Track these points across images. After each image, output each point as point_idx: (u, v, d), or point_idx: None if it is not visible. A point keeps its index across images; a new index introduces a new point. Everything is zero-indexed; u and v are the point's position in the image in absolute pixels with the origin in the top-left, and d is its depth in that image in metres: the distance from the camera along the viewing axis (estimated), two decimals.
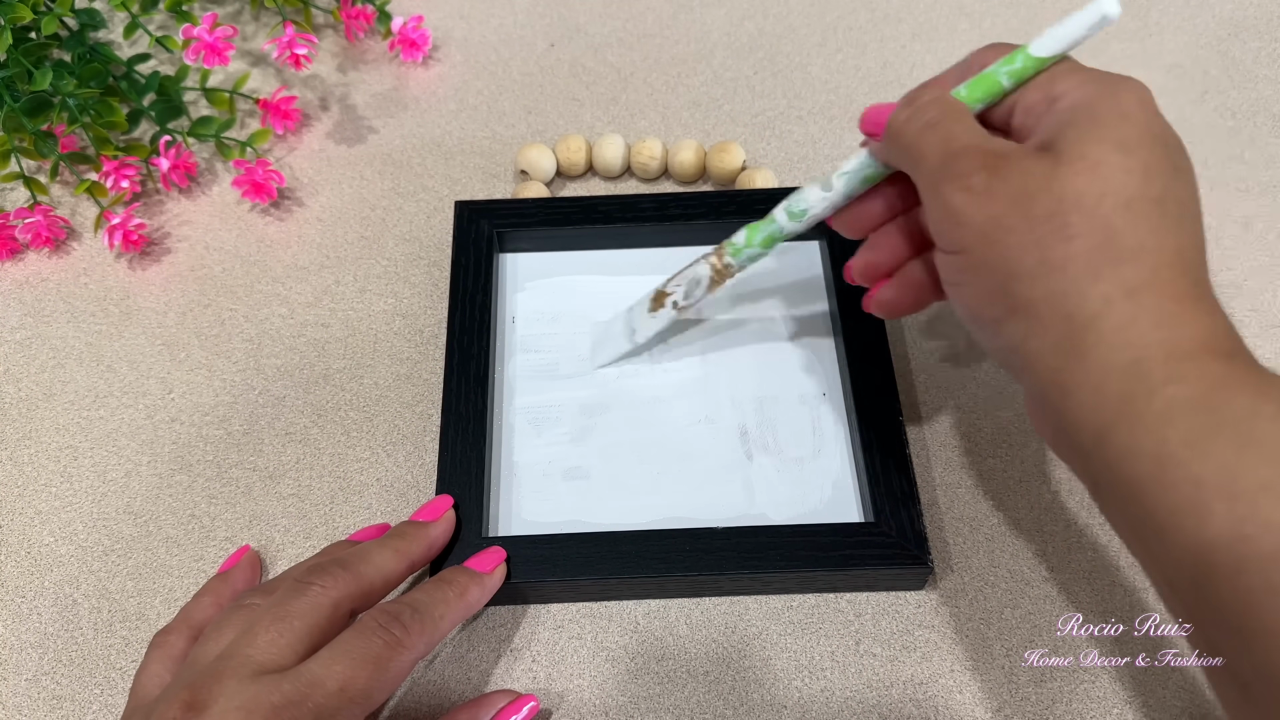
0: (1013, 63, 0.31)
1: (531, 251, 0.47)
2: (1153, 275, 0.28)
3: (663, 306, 0.42)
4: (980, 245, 0.29)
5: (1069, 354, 0.28)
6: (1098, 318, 0.28)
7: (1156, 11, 0.57)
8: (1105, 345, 0.27)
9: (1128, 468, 0.27)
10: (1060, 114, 0.30)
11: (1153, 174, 0.28)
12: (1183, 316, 0.27)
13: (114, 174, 0.48)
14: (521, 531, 0.40)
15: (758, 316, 0.45)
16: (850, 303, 0.43)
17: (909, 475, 0.39)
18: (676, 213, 0.46)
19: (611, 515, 0.40)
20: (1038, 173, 0.29)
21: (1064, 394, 0.28)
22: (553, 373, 0.44)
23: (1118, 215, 0.28)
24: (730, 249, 0.39)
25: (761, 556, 0.38)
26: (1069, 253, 0.28)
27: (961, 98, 0.32)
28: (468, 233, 0.46)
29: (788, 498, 0.41)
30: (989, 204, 0.29)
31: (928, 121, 0.31)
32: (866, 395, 0.41)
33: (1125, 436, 0.27)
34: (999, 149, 0.30)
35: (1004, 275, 0.29)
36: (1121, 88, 0.30)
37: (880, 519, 0.38)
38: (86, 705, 0.37)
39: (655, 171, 0.50)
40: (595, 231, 0.46)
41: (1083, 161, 0.28)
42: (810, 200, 0.37)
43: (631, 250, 0.47)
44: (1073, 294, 0.28)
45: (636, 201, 0.47)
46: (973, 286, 0.30)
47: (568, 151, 0.50)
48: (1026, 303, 0.29)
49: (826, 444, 0.42)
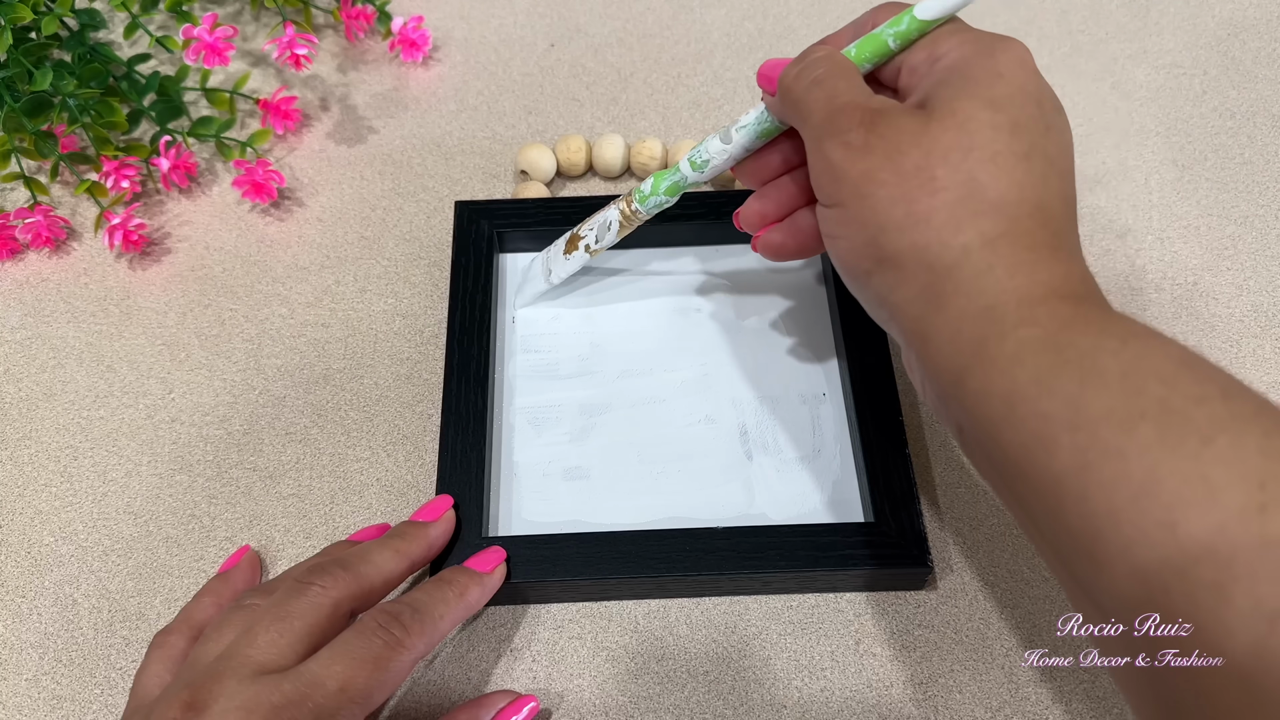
0: (899, 24, 0.32)
1: (532, 252, 0.47)
2: (1011, 226, 0.28)
3: (576, 249, 0.43)
4: (854, 199, 0.30)
5: (929, 303, 0.29)
6: (956, 267, 0.28)
7: (1156, 11, 0.57)
8: (962, 293, 0.28)
9: (983, 409, 0.27)
10: (938, 73, 0.31)
11: (1021, 130, 0.29)
12: (1038, 264, 0.28)
13: (114, 174, 0.48)
14: (521, 531, 0.40)
15: (758, 316, 0.45)
16: (850, 302, 0.43)
17: (909, 475, 0.39)
18: (677, 213, 0.46)
19: (611, 515, 0.40)
20: (910, 129, 0.30)
21: (925, 342, 0.29)
22: (553, 373, 0.44)
23: (982, 169, 0.29)
24: (638, 195, 0.41)
25: (761, 556, 0.38)
26: (933, 205, 0.29)
27: (850, 57, 0.33)
28: (468, 233, 0.46)
29: (788, 497, 0.41)
30: (864, 159, 0.30)
31: (815, 79, 0.32)
32: (866, 395, 0.41)
33: (980, 379, 0.27)
34: (877, 106, 0.31)
35: (874, 228, 0.30)
36: (999, 47, 0.31)
37: (880, 519, 0.38)
38: (86, 705, 0.37)
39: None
40: None
41: (952, 118, 0.29)
42: (711, 152, 0.38)
43: (632, 250, 0.47)
44: (934, 245, 0.29)
45: None
46: (847, 240, 0.31)
47: (568, 151, 0.50)
48: (893, 254, 0.29)
49: (826, 444, 0.42)
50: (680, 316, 0.46)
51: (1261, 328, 0.46)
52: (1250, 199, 0.50)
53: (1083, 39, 0.56)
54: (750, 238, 0.39)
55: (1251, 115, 0.53)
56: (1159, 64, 0.55)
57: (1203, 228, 0.49)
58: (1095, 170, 0.51)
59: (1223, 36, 0.56)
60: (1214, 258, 0.48)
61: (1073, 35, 0.56)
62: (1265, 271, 0.47)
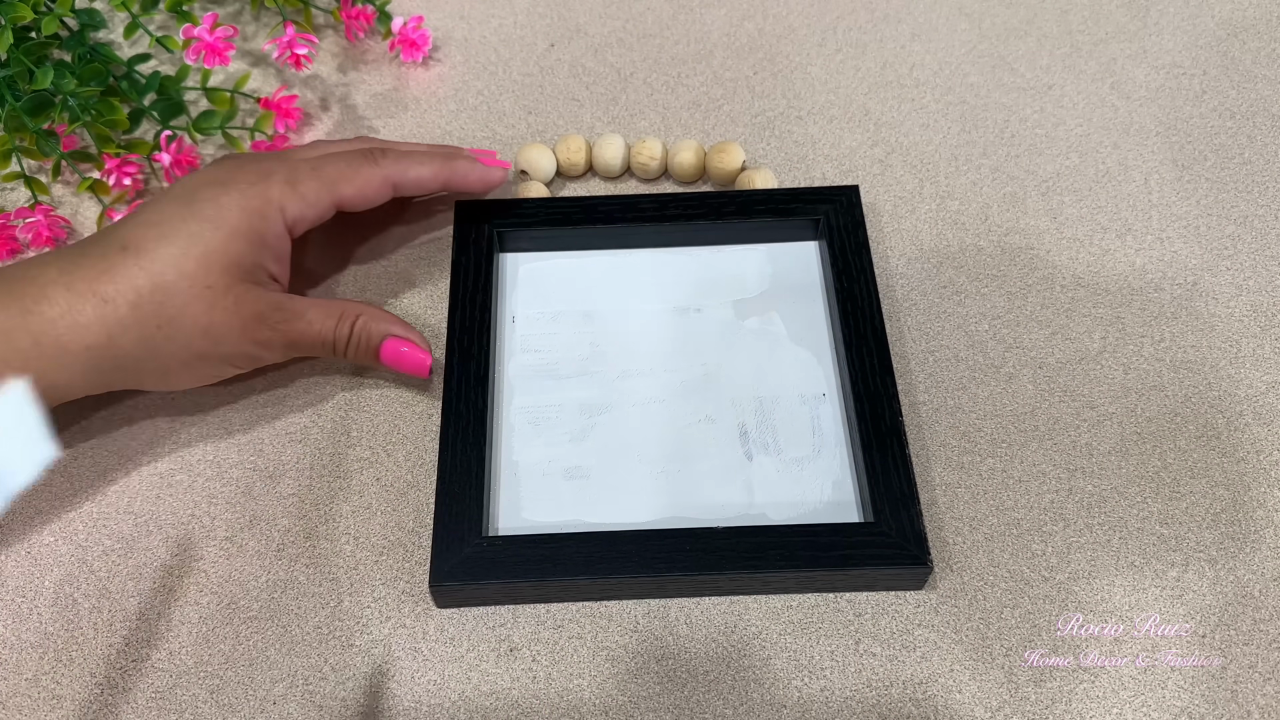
0: None
1: (531, 251, 0.47)
2: None
3: None
4: None
5: None
6: None
7: (1156, 11, 0.57)
8: None
9: None
10: None
11: None
12: None
13: (116, 171, 0.48)
14: (521, 531, 0.40)
15: (758, 316, 0.45)
16: (849, 302, 0.43)
17: (909, 475, 0.39)
18: (676, 213, 0.46)
19: (611, 515, 0.40)
20: None
21: None
22: (553, 373, 0.44)
23: None
24: None
25: (761, 556, 0.38)
26: None
27: None
28: (468, 233, 0.46)
29: (788, 498, 0.41)
30: None
31: None
32: (866, 395, 0.41)
33: None
34: None
35: None
36: None
37: (880, 519, 0.38)
38: (86, 705, 0.37)
39: (655, 172, 0.50)
40: (595, 232, 0.47)
41: None
42: None
43: (632, 250, 0.47)
44: None
45: (636, 201, 0.47)
46: None
47: (568, 152, 0.50)
48: None
49: (826, 444, 0.42)
50: (680, 316, 0.46)
51: (1261, 328, 0.46)
52: (1250, 199, 0.50)
53: (1083, 39, 0.56)
54: None
55: (1251, 115, 0.53)
56: (1159, 64, 0.55)
57: (1202, 228, 0.49)
58: (1095, 170, 0.51)
59: (1223, 36, 0.56)
60: (1214, 258, 0.48)
61: (1073, 35, 0.56)
62: (1265, 271, 0.47)
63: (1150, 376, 0.44)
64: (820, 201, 0.46)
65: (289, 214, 0.40)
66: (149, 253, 0.38)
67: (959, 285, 0.47)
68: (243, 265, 0.39)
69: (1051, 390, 0.44)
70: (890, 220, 0.49)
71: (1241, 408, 0.43)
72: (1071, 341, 0.45)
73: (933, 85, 0.54)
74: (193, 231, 0.38)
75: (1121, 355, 0.45)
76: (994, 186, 0.50)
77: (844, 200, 0.46)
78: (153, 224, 0.39)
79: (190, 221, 0.39)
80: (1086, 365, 0.45)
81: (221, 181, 0.40)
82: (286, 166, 0.41)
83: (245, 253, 0.39)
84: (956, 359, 0.45)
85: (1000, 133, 0.52)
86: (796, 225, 0.47)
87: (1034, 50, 0.56)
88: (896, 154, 0.51)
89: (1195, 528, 0.40)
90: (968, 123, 0.53)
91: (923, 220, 0.49)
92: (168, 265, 0.38)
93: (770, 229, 0.47)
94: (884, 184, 0.50)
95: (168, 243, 0.38)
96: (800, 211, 0.46)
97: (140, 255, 0.38)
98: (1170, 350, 0.45)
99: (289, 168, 0.41)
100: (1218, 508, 0.41)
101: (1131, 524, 0.41)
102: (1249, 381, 0.44)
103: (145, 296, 0.37)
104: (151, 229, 0.38)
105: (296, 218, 0.41)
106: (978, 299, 0.47)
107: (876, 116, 0.53)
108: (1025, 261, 0.48)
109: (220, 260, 0.39)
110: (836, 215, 0.46)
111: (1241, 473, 0.42)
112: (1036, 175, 0.51)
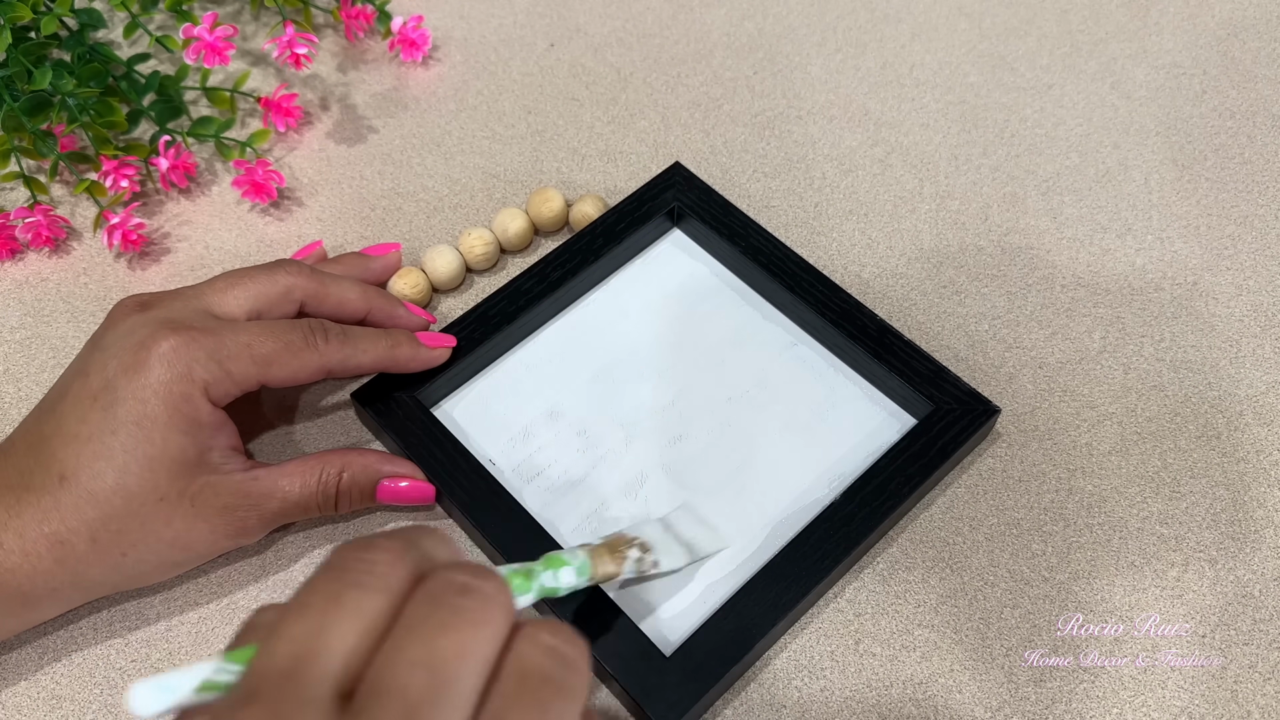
0: None
1: (451, 393, 0.43)
2: None
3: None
4: None
5: None
6: None
7: (1156, 11, 0.57)
8: None
9: None
10: None
11: None
12: None
13: (113, 174, 0.48)
14: (681, 632, 0.37)
15: (690, 322, 0.45)
16: (753, 255, 0.43)
17: (922, 354, 0.41)
18: (560, 275, 0.44)
19: (733, 560, 0.39)
20: None
21: None
22: (573, 480, 0.41)
23: None
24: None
25: (887, 494, 0.39)
26: None
27: None
28: (391, 420, 0.41)
29: (846, 449, 0.41)
30: None
31: None
32: (841, 317, 0.43)
33: None
34: None
35: None
36: None
37: (936, 402, 0.40)
38: (86, 705, 0.37)
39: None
40: (501, 336, 0.43)
41: None
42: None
43: (544, 329, 0.45)
44: None
45: (519, 285, 0.44)
46: None
47: (470, 247, 0.47)
48: None
49: (837, 384, 0.43)
50: (628, 359, 0.44)
51: (1261, 328, 0.46)
52: (1250, 199, 0.50)
53: (1083, 39, 0.56)
54: None
55: (1251, 115, 0.53)
56: (1159, 64, 0.55)
57: (1203, 228, 0.49)
58: (1095, 170, 0.51)
59: (1223, 36, 0.56)
60: (1214, 257, 0.48)
61: (1073, 35, 0.56)
62: (1265, 271, 0.47)
63: (1150, 376, 0.44)
64: (664, 190, 0.47)
65: (214, 393, 0.36)
66: (88, 480, 0.35)
67: (959, 285, 0.47)
68: (187, 460, 0.36)
69: (1051, 390, 0.44)
70: (890, 220, 0.49)
71: (1241, 408, 0.43)
72: (1071, 341, 0.45)
73: (933, 85, 0.54)
74: (124, 445, 0.35)
75: (1121, 355, 0.45)
76: (994, 186, 0.50)
77: (679, 178, 0.47)
78: (82, 440, 0.35)
79: (119, 433, 0.35)
80: (1086, 365, 0.45)
81: (138, 365, 0.35)
82: (213, 339, 0.36)
83: (185, 446, 0.35)
84: (956, 359, 0.45)
85: (1000, 132, 0.52)
86: (657, 225, 0.47)
87: (1034, 50, 0.56)
88: (896, 154, 0.51)
89: (1195, 528, 0.40)
90: (968, 122, 0.53)
91: (923, 220, 0.49)
92: (112, 492, 0.35)
93: (641, 237, 0.46)
94: (884, 184, 0.50)
95: (104, 461, 0.35)
96: (653, 211, 0.46)
97: (78, 484, 0.35)
98: (1170, 350, 0.45)
99: (215, 341, 0.36)
100: (1218, 508, 0.41)
101: (1131, 524, 0.41)
102: (1249, 381, 0.44)
103: (100, 529, 0.35)
104: (83, 447, 0.35)
105: (221, 396, 0.37)
106: (978, 299, 0.47)
107: (876, 116, 0.53)
108: (1025, 261, 0.48)
109: (164, 466, 0.35)
110: (683, 194, 0.47)
111: (1241, 473, 0.42)
112: (1036, 175, 0.51)
